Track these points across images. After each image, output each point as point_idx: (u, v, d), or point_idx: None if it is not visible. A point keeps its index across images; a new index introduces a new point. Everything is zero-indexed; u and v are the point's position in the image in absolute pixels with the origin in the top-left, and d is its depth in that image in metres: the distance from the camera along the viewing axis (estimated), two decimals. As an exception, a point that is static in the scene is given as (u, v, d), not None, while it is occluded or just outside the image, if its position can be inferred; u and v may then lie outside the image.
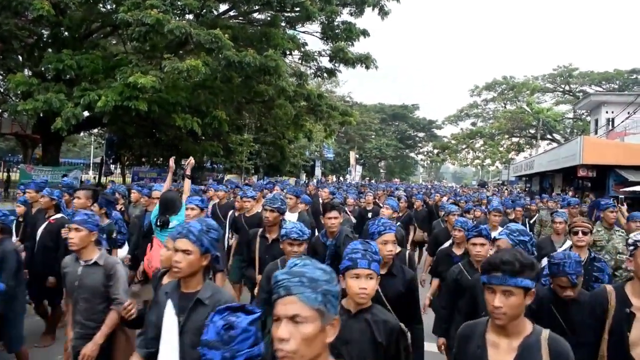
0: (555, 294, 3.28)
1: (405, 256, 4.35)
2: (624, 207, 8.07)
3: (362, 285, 2.38)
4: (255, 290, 4.75)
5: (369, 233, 3.38)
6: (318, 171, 46.76)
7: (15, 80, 15.22)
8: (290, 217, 6.36)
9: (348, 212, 8.54)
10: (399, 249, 4.00)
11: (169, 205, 5.19)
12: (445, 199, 12.73)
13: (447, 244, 5.50)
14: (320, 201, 9.72)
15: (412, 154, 72.95)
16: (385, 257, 3.18)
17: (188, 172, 5.94)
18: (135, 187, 8.73)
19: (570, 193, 20.68)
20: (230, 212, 7.48)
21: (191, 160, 6.06)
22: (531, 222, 10.44)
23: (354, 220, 8.37)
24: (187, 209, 5.06)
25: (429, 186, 36.46)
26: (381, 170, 63.85)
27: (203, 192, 10.14)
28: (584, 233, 4.58)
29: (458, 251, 5.01)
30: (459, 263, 4.21)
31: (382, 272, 3.00)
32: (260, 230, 5.01)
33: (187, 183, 5.86)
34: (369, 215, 9.12)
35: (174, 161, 6.12)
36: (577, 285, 3.19)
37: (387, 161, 65.47)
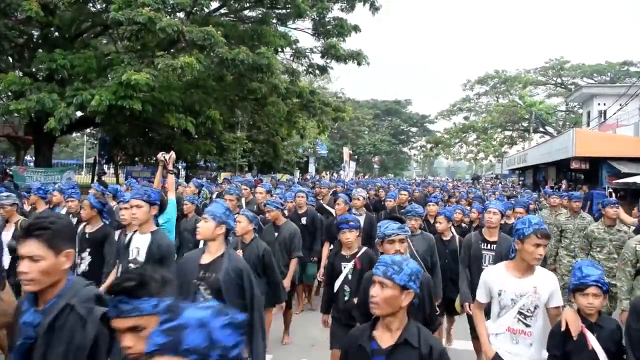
0: None
1: None
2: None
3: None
4: None
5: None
6: (312, 168, 46.66)
7: (7, 80, 15.01)
8: (140, 242, 4.19)
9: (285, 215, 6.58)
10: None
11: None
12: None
13: None
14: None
15: (405, 149, 72.98)
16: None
17: (170, 167, 5.39)
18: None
19: (564, 186, 20.81)
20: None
21: (172, 154, 5.45)
22: None
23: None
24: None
25: (419, 181, 36.23)
26: (375, 166, 63.73)
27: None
28: None
29: None
30: None
31: None
32: None
33: (171, 179, 5.33)
34: (303, 220, 7.21)
35: (162, 156, 5.45)
36: None
37: (380, 157, 65.46)
